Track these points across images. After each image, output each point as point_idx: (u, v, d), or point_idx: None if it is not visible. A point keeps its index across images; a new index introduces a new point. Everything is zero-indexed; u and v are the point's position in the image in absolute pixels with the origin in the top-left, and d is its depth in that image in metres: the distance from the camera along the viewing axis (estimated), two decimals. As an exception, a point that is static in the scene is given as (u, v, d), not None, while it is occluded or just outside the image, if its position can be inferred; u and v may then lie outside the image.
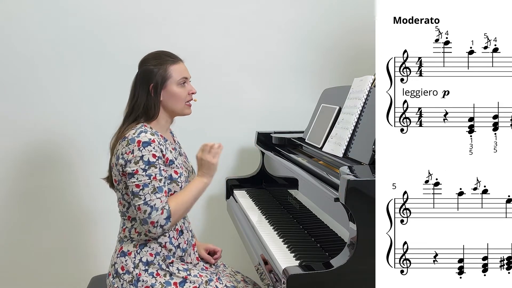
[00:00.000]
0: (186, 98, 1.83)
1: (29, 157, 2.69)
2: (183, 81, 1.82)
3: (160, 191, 1.68)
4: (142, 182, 1.68)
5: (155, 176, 1.69)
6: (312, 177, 1.75)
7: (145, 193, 1.67)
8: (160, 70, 1.80)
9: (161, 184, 1.69)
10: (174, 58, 1.84)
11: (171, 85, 1.81)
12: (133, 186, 1.69)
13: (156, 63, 1.81)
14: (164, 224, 1.68)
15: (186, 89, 1.83)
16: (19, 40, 2.62)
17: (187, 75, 1.84)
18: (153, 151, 1.70)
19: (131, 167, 1.69)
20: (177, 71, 1.82)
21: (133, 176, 1.69)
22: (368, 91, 1.88)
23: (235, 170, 2.85)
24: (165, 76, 1.80)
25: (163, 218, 1.67)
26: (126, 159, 1.70)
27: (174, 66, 1.81)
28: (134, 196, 1.69)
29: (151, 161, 1.69)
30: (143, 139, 1.70)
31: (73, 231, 2.75)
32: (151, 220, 1.67)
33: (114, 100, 2.03)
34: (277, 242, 1.80)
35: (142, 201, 1.67)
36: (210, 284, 1.75)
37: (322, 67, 2.86)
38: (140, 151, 1.69)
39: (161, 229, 1.68)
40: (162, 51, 1.86)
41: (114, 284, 1.75)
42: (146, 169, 1.68)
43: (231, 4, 2.76)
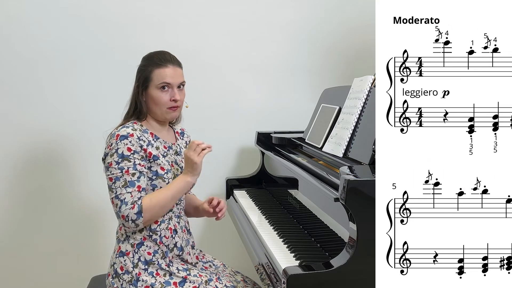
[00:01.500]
0: (166, 103, 1.79)
1: (29, 157, 2.68)
2: (162, 86, 1.78)
3: (132, 186, 1.68)
4: (114, 175, 1.69)
5: (127, 169, 1.69)
6: (312, 177, 1.75)
7: (116, 186, 1.69)
8: (146, 71, 1.80)
9: (134, 178, 1.69)
10: (164, 61, 1.80)
11: (151, 88, 1.80)
12: (107, 179, 1.72)
13: (146, 63, 1.82)
14: (135, 219, 1.67)
15: (167, 94, 1.79)
16: (19, 40, 2.61)
17: (170, 81, 1.79)
18: (128, 145, 1.70)
19: (107, 160, 1.72)
20: (159, 75, 1.79)
21: (108, 169, 1.71)
22: (368, 91, 1.87)
23: (235, 170, 2.85)
24: (147, 78, 1.80)
25: (133, 212, 1.67)
26: (105, 153, 1.74)
27: (159, 70, 1.79)
28: (108, 189, 1.72)
29: (125, 154, 1.70)
30: (122, 133, 1.72)
31: (73, 231, 2.75)
32: (121, 214, 1.68)
33: (114, 100, 2.03)
34: (277, 242, 1.80)
35: (114, 195, 1.69)
36: (210, 284, 1.75)
37: (322, 67, 2.86)
38: (117, 144, 1.71)
39: (134, 224, 1.68)
40: (159, 52, 1.85)
41: (113, 284, 1.75)
42: (119, 162, 1.69)
43: (231, 4, 2.76)
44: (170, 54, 1.85)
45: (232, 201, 2.53)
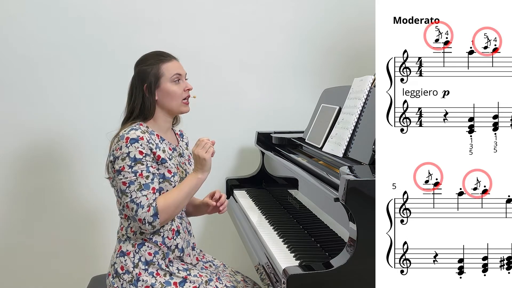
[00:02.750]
0: (181, 95, 1.82)
1: (29, 157, 2.69)
2: (176, 78, 1.81)
3: (147, 188, 1.68)
4: (128, 179, 1.68)
5: (141, 173, 1.69)
6: (312, 177, 1.75)
7: (131, 190, 1.68)
8: (153, 69, 1.80)
9: (148, 181, 1.69)
10: (167, 56, 1.83)
11: (165, 83, 1.80)
12: (120, 183, 1.70)
13: (149, 63, 1.82)
14: (152, 221, 1.68)
15: (181, 86, 1.82)
16: (19, 40, 2.62)
17: (180, 72, 1.83)
18: (140, 148, 1.70)
19: (118, 163, 1.70)
20: (170, 68, 1.81)
21: (120, 173, 1.70)
22: (368, 91, 1.88)
23: (235, 170, 2.85)
24: (158, 74, 1.80)
25: (149, 215, 1.67)
26: (115, 156, 1.72)
27: (167, 64, 1.81)
28: (122, 193, 1.70)
29: (137, 157, 1.69)
30: (132, 136, 1.70)
31: (73, 231, 2.75)
32: (138, 218, 1.67)
33: (114, 100, 2.03)
34: (277, 242, 1.80)
35: (129, 199, 1.68)
36: (210, 284, 1.75)
37: (322, 67, 2.86)
38: (128, 147, 1.69)
39: (150, 226, 1.68)
40: (155, 51, 1.86)
41: (114, 284, 1.75)
42: (132, 165, 1.68)
43: (231, 4, 2.76)
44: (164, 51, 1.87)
45: (232, 201, 2.53)
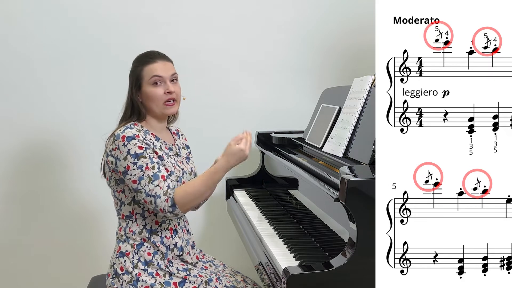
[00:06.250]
0: (161, 98, 1.78)
1: (28, 157, 2.69)
2: (155, 81, 1.78)
3: (156, 178, 1.69)
4: (136, 176, 1.68)
5: (146, 166, 1.69)
6: (312, 177, 1.75)
7: (143, 185, 1.68)
8: (137, 71, 1.80)
9: (155, 171, 1.69)
10: (153, 58, 1.80)
11: (145, 86, 1.79)
12: (130, 183, 1.70)
13: (136, 64, 1.83)
14: (172, 211, 1.69)
15: (159, 88, 1.78)
16: (19, 40, 2.62)
17: (161, 74, 1.78)
18: (138, 144, 1.70)
19: (122, 164, 1.70)
20: (149, 70, 1.78)
21: (127, 173, 1.70)
22: (368, 91, 1.87)
23: (235, 170, 2.83)
24: (139, 77, 1.79)
25: (168, 205, 1.68)
26: (115, 157, 1.72)
27: (149, 66, 1.79)
28: (136, 192, 1.70)
29: (138, 153, 1.69)
30: (127, 134, 1.71)
31: (73, 231, 2.75)
32: (159, 208, 1.68)
33: (113, 100, 2.03)
34: (277, 242, 1.80)
35: (144, 194, 1.68)
36: (209, 284, 1.75)
37: (322, 67, 2.86)
38: (125, 146, 1.70)
39: (173, 214, 1.70)
40: (146, 52, 1.85)
41: (113, 285, 1.75)
42: (136, 162, 1.69)
43: (231, 4, 2.76)
44: (158, 51, 1.85)
45: (232, 201, 2.53)
